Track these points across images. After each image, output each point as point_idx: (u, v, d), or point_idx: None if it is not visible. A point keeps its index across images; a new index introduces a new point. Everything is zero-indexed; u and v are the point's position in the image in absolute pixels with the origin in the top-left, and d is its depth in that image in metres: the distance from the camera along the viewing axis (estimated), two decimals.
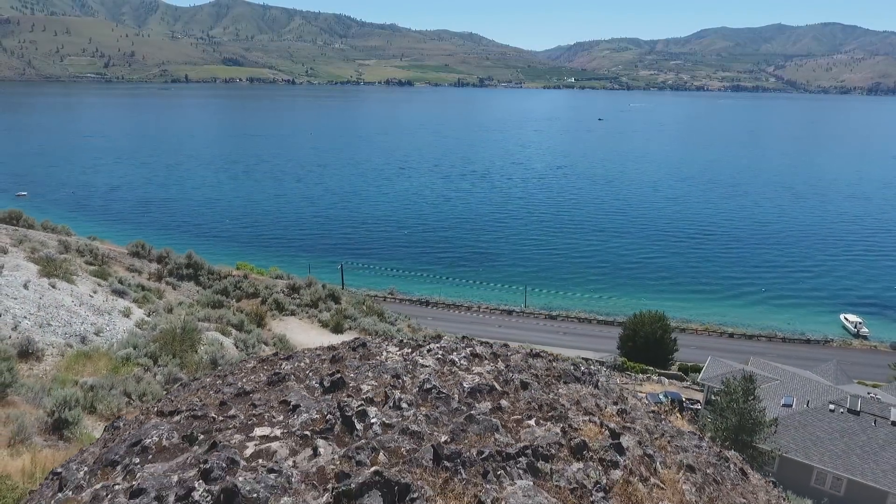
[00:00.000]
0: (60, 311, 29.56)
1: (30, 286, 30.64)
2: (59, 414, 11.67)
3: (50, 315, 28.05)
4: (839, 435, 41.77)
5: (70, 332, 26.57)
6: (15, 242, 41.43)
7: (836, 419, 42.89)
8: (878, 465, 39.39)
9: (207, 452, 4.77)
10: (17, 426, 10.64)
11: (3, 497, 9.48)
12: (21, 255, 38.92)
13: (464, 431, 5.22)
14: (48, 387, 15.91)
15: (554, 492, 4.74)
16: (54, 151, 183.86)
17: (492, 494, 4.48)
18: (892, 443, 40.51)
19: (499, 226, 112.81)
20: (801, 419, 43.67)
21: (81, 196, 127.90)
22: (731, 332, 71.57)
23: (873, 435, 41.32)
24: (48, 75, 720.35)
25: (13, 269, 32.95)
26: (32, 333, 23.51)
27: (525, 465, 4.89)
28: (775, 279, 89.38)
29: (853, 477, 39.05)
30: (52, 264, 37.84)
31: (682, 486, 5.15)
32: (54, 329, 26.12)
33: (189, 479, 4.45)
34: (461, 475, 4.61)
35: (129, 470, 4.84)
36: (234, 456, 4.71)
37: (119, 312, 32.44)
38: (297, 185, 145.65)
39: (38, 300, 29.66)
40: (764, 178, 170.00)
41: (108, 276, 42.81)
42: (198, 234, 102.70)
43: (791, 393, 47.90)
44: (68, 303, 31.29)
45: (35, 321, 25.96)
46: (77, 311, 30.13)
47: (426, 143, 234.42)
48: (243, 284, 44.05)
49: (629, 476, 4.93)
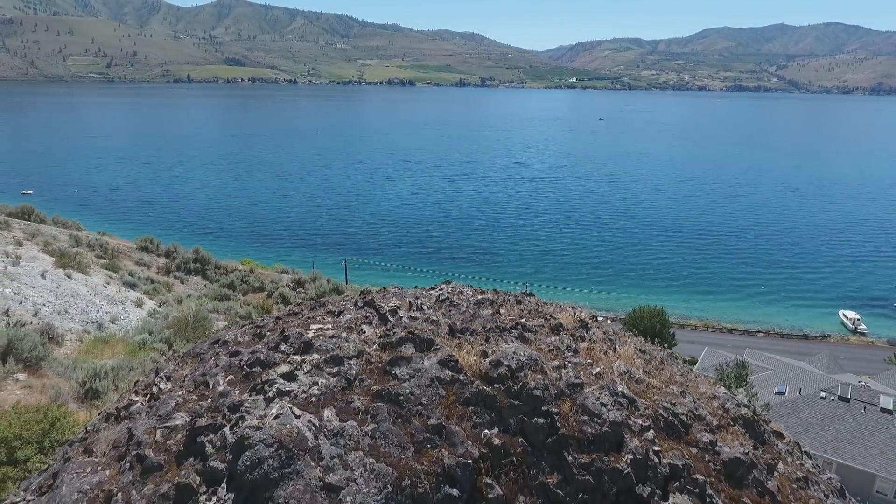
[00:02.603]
0: (77, 299, 30.42)
1: (47, 276, 31.48)
2: (90, 384, 12.47)
3: (67, 303, 28.91)
4: (830, 421, 42.72)
5: (87, 320, 27.43)
6: (28, 236, 42.37)
7: (827, 406, 43.83)
8: (866, 450, 40.35)
9: (279, 336, 5.96)
10: (54, 393, 11.47)
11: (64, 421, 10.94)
12: (36, 248, 39.87)
13: (471, 321, 6.85)
14: (74, 364, 16.77)
15: (536, 350, 6.37)
16: (58, 151, 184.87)
17: (492, 348, 6.20)
18: (880, 428, 41.48)
19: (500, 225, 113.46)
20: (794, 406, 44.57)
21: (85, 195, 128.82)
22: (730, 327, 72.31)
23: (862, 421, 42.28)
24: (51, 75, 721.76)
25: (30, 259, 33.88)
26: (52, 320, 24.37)
27: (516, 335, 6.57)
28: (776, 277, 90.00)
29: (843, 461, 39.93)
30: (66, 256, 38.66)
31: (634, 359, 6.20)
32: (72, 316, 26.97)
33: (274, 341, 5.51)
34: (469, 340, 6.34)
35: (216, 353, 5.83)
36: (302, 331, 6.08)
37: (132, 302, 33.31)
38: (300, 185, 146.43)
39: (55, 289, 30.52)
40: (765, 177, 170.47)
41: (119, 270, 43.74)
42: (201, 232, 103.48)
43: (784, 382, 48.80)
44: (84, 292, 32.19)
45: (53, 308, 26.81)
46: (92, 301, 31.02)
47: (429, 142, 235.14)
48: (249, 279, 44.90)
49: (592, 345, 6.16)
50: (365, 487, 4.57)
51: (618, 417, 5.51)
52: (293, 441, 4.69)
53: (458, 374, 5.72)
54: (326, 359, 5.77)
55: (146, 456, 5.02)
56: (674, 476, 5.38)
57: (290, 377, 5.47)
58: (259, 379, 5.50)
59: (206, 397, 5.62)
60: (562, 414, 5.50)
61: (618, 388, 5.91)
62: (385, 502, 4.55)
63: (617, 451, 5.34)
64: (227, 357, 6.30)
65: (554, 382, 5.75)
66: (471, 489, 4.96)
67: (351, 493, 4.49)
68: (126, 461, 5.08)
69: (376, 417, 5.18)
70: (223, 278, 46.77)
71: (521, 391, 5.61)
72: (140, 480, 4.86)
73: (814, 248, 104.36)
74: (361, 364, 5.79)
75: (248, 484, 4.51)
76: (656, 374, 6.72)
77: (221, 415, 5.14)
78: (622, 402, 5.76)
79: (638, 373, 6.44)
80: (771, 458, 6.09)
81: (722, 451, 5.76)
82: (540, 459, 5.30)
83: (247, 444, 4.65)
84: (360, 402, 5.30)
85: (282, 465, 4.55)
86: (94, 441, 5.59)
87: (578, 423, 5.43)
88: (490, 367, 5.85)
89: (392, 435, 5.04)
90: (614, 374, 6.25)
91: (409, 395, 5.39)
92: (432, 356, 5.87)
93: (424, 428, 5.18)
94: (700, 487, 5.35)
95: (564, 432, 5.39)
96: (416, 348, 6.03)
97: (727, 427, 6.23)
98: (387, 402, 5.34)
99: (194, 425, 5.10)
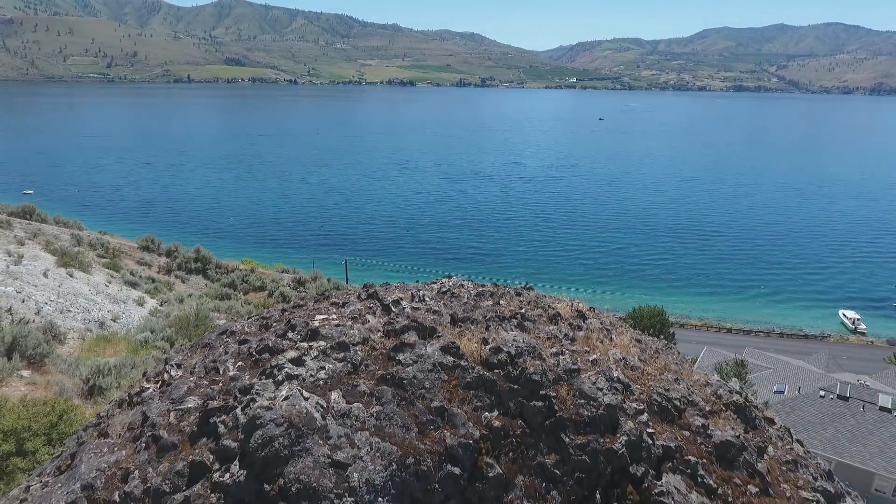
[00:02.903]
0: (79, 298, 30.55)
1: (49, 275, 31.61)
2: (94, 381, 12.68)
3: (69, 302, 29.02)
4: (829, 419, 42.85)
5: (89, 318, 27.55)
6: (30, 235, 42.50)
7: (826, 405, 43.98)
8: (865, 448, 40.47)
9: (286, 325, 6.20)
10: (58, 389, 11.68)
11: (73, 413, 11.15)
12: (38, 247, 39.99)
13: (472, 311, 7.09)
14: (77, 362, 16.97)
15: (535, 338, 6.61)
16: (58, 151, 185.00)
17: (492, 336, 6.42)
18: (879, 426, 41.61)
19: (501, 224, 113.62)
20: (793, 405, 44.73)
21: (86, 195, 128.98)
22: (730, 327, 72.50)
23: (861, 419, 42.41)
24: (51, 75, 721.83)
25: (32, 258, 34.01)
26: (54, 318, 24.48)
27: (515, 324, 6.83)
28: (776, 277, 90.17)
29: (841, 459, 40.08)
30: (68, 255, 38.76)
31: (630, 348, 6.39)
32: (74, 315, 27.08)
33: (282, 329, 5.76)
34: (470, 328, 6.58)
35: (225, 342, 6.02)
36: (308, 321, 6.28)
37: (133, 301, 33.43)
38: (300, 185, 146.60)
39: (57, 288, 30.65)
40: (766, 178, 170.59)
41: (120, 269, 43.86)
42: (202, 232, 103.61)
43: (783, 380, 49.01)
44: (85, 291, 32.32)
45: (56, 307, 26.93)
46: (94, 299, 31.14)
47: (429, 142, 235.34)
48: (250, 278, 45.05)
49: (589, 334, 6.34)
50: (371, 465, 4.79)
51: (613, 401, 5.74)
52: (302, 421, 4.92)
53: (460, 359, 5.95)
54: (332, 345, 6.00)
55: (161, 436, 5.25)
56: (667, 457, 5.60)
57: (299, 362, 5.70)
58: (268, 364, 5.73)
59: (216, 382, 5.85)
60: (559, 398, 5.73)
61: (613, 374, 6.14)
62: (390, 479, 4.77)
63: (612, 433, 5.57)
64: (235, 345, 6.53)
65: (552, 368, 5.98)
66: (472, 468, 5.19)
67: (357, 469, 4.71)
68: (141, 441, 5.31)
69: (381, 400, 5.40)
70: (224, 277, 46.86)
71: (520, 376, 5.84)
72: (156, 459, 5.08)
73: (814, 248, 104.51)
74: (366, 350, 6.02)
75: (260, 461, 4.73)
76: (651, 362, 6.95)
77: (233, 397, 5.37)
78: (617, 387, 5.99)
79: (633, 360, 6.68)
80: (761, 441, 6.31)
81: (714, 434, 5.99)
82: (538, 441, 5.52)
83: (258, 424, 4.87)
84: (365, 386, 5.53)
85: (292, 443, 4.77)
86: (109, 425, 5.82)
87: (575, 407, 5.65)
88: (490, 354, 6.08)
89: (396, 416, 5.26)
90: (610, 360, 6.49)
91: (413, 380, 5.62)
92: (434, 343, 6.10)
93: (427, 410, 5.40)
94: (692, 468, 5.57)
95: (562, 415, 5.62)
96: (418, 336, 6.26)
97: (719, 412, 6.46)
98: (391, 385, 5.57)
99: (207, 407, 5.32)
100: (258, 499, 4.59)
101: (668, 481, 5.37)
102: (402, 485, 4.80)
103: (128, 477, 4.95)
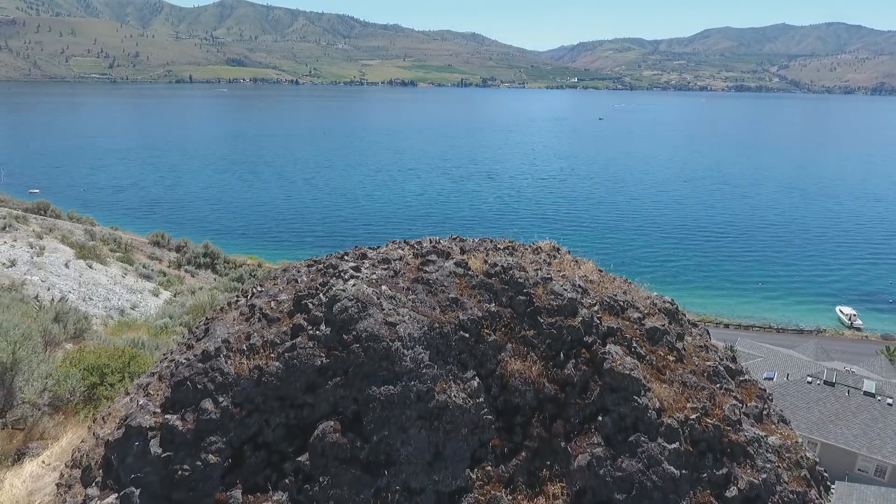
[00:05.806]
0: (99, 288, 33.06)
1: (70, 266, 34.09)
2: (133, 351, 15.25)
3: (90, 291, 31.49)
4: (815, 403, 45.23)
5: (109, 306, 29.92)
6: (45, 230, 45.01)
7: (813, 390, 46.33)
8: (849, 430, 42.86)
9: (341, 253, 8.56)
10: None
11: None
12: (56, 241, 42.55)
13: (475, 247, 9.64)
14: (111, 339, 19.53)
15: (521, 259, 9.05)
16: (62, 151, 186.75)
17: (490, 258, 8.88)
18: (862, 410, 43.98)
19: (501, 224, 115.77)
20: (782, 390, 47.04)
21: (91, 194, 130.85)
22: (727, 322, 74.16)
23: (846, 403, 44.76)
24: (53, 76, 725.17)
25: (52, 251, 36.55)
26: (78, 305, 26.84)
27: (507, 252, 9.26)
28: (774, 274, 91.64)
29: (826, 440, 42.47)
30: (86, 248, 41.28)
31: (593, 273, 8.96)
32: (95, 303, 29.48)
33: (339, 254, 8.23)
34: (474, 254, 9.13)
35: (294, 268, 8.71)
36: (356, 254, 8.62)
37: (149, 292, 35.80)
38: (303, 185, 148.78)
39: (78, 278, 33.13)
40: (767, 177, 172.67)
41: (133, 263, 46.36)
42: (205, 231, 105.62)
43: (773, 368, 51.36)
44: (104, 281, 34.83)
45: (78, 295, 29.32)
46: (113, 289, 33.65)
47: (432, 142, 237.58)
48: (258, 273, 47.45)
49: (562, 261, 9.10)
50: (411, 326, 7.36)
51: (574, 296, 8.32)
52: (365, 298, 7.49)
53: (468, 270, 8.53)
54: (379, 260, 8.59)
55: (267, 314, 7.84)
56: (610, 334, 8.16)
57: (357, 269, 8.28)
58: (335, 271, 8.29)
59: (299, 285, 8.42)
60: (537, 294, 8.31)
61: (576, 282, 8.73)
62: (424, 334, 7.34)
63: (572, 317, 8.14)
64: (305, 268, 9.10)
65: (532, 277, 8.56)
66: (476, 335, 7.76)
67: (402, 327, 7.28)
68: (254, 319, 7.88)
69: (415, 291, 7.98)
70: (232, 272, 48.98)
71: (509, 280, 8.43)
72: (267, 327, 7.65)
73: (813, 245, 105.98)
74: (402, 264, 8.59)
75: (339, 322, 7.29)
76: (608, 282, 9.51)
77: (315, 288, 7.95)
78: (578, 289, 8.59)
79: (593, 277, 9.27)
80: (681, 331, 8.88)
81: (646, 322, 8.56)
82: (521, 321, 8.10)
83: (336, 300, 7.45)
84: (403, 283, 8.12)
85: (359, 311, 7.33)
86: (225, 315, 8.40)
87: (547, 299, 8.23)
88: (489, 267, 8.65)
89: (426, 301, 7.85)
90: (575, 276, 9.06)
91: (436, 280, 8.21)
92: (450, 261, 8.68)
93: (446, 299, 7.98)
94: (628, 342, 8.13)
95: (538, 305, 8.20)
96: (438, 257, 8.81)
97: (654, 314, 9.01)
98: (421, 283, 8.15)
99: (298, 294, 7.90)
100: (340, 343, 7.16)
101: (610, 349, 7.91)
102: (431, 339, 7.37)
103: (250, 336, 7.51)
